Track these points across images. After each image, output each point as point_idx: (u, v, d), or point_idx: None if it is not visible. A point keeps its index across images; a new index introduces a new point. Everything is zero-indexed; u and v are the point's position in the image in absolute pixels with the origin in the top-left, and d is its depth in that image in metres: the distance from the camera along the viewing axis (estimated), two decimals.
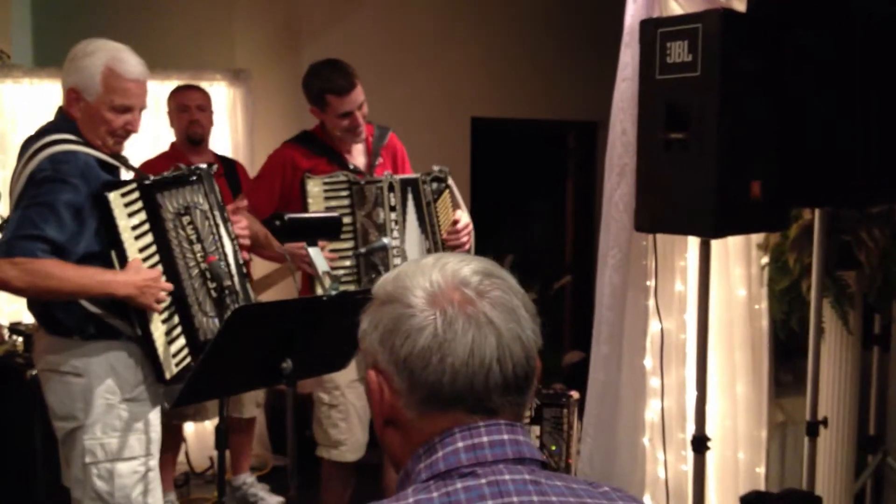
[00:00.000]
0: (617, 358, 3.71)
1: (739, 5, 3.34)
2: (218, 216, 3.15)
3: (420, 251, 3.62)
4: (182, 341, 2.99)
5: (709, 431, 3.20)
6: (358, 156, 3.80)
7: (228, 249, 3.16)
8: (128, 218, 2.87)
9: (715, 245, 3.49)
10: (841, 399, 3.90)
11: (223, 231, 3.16)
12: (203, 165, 3.16)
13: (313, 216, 3.14)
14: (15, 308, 4.79)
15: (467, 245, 3.75)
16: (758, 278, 3.84)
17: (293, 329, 2.71)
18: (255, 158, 5.04)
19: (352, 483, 3.85)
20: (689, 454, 3.28)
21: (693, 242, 3.56)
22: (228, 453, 4.69)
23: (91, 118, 2.93)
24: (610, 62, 3.65)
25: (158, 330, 2.92)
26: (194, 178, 3.07)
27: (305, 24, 5.79)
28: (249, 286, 3.26)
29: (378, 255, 3.52)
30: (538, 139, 7.40)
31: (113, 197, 2.84)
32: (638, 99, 3.11)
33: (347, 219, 3.50)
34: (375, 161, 3.79)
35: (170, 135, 4.74)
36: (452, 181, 3.75)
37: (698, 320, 3.18)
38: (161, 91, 5.15)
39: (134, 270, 2.86)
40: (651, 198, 2.99)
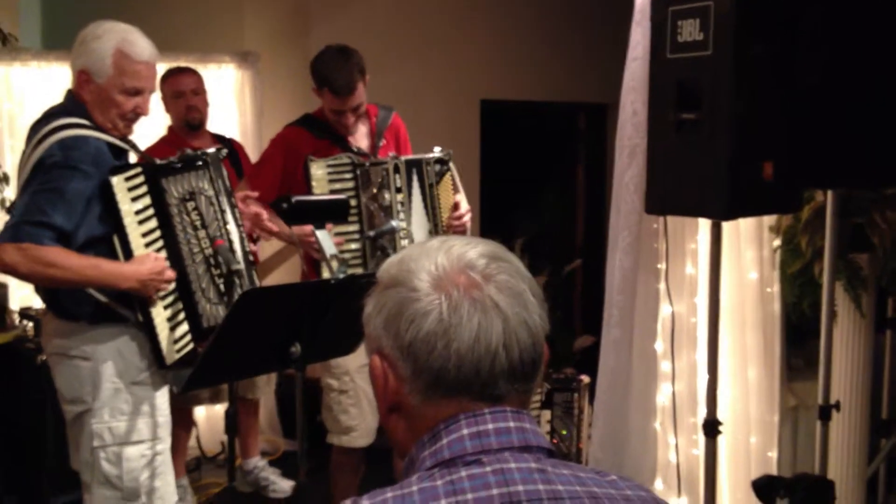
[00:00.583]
0: (628, 342, 3.69)
1: None
2: (224, 202, 3.13)
3: (424, 233, 3.60)
4: (185, 327, 2.98)
5: (720, 416, 3.18)
6: (361, 138, 3.77)
7: (234, 236, 3.15)
8: (131, 202, 2.86)
9: (726, 227, 3.46)
10: (853, 383, 3.87)
11: (229, 217, 3.14)
12: (211, 150, 3.14)
13: (320, 198, 3.12)
14: (25, 293, 4.79)
15: (466, 231, 3.73)
16: (769, 261, 3.81)
17: (301, 313, 2.69)
18: (264, 141, 5.01)
19: (362, 468, 3.84)
20: (701, 438, 3.26)
21: (704, 224, 3.52)
22: (238, 436, 4.70)
23: (101, 101, 2.92)
24: (620, 44, 3.61)
25: (160, 316, 2.92)
26: (200, 164, 3.06)
27: (315, 6, 5.76)
28: (255, 273, 3.25)
29: (386, 238, 3.50)
30: (548, 121, 7.36)
31: (116, 181, 2.83)
32: (649, 78, 3.07)
33: (352, 201, 3.47)
34: (379, 142, 3.76)
35: (165, 118, 4.72)
36: (454, 164, 3.72)
37: (709, 303, 3.15)
38: None
39: (139, 262, 2.85)
40: (662, 179, 2.95)
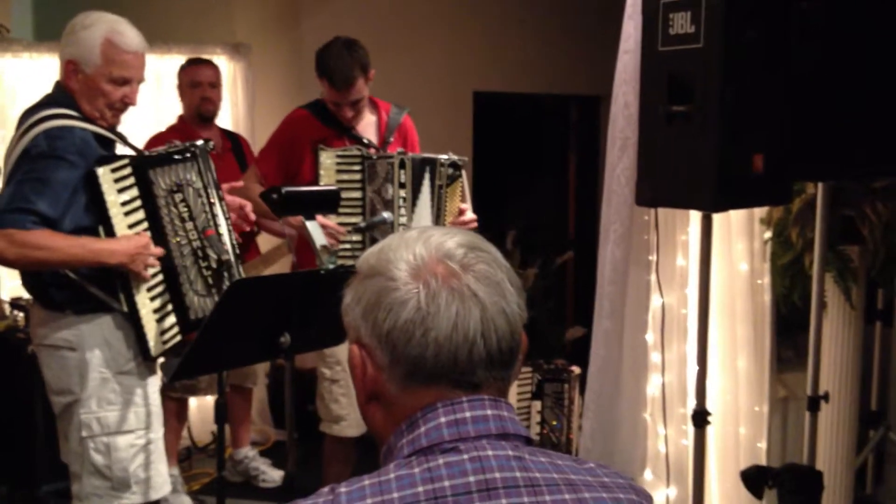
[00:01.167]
0: (618, 333, 3.70)
1: None
2: (213, 194, 3.13)
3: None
4: (172, 319, 2.98)
5: (710, 406, 3.19)
6: (368, 130, 3.80)
7: (223, 228, 3.15)
8: (117, 193, 2.87)
9: (717, 219, 3.46)
10: (843, 374, 3.88)
11: (218, 209, 3.14)
12: (199, 142, 3.13)
13: (310, 189, 3.13)
14: (16, 283, 4.78)
15: None
16: (760, 253, 3.81)
17: (291, 303, 2.70)
18: (256, 132, 5.03)
19: (353, 458, 3.86)
20: (690, 429, 3.27)
21: (695, 216, 3.53)
22: (228, 428, 4.71)
23: (89, 90, 2.93)
24: (613, 35, 3.61)
25: (147, 307, 2.92)
26: (188, 155, 3.06)
27: None
28: (241, 266, 3.25)
29: (379, 230, 3.50)
30: (541, 113, 7.36)
31: (102, 172, 2.83)
32: (640, 71, 3.07)
33: (357, 193, 3.53)
34: (389, 138, 3.78)
35: (170, 108, 4.72)
36: (465, 175, 3.74)
37: (699, 295, 3.16)
38: (161, 65, 5.13)
39: (125, 239, 2.86)
40: (652, 171, 2.95)
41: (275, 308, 2.70)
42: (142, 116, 5.01)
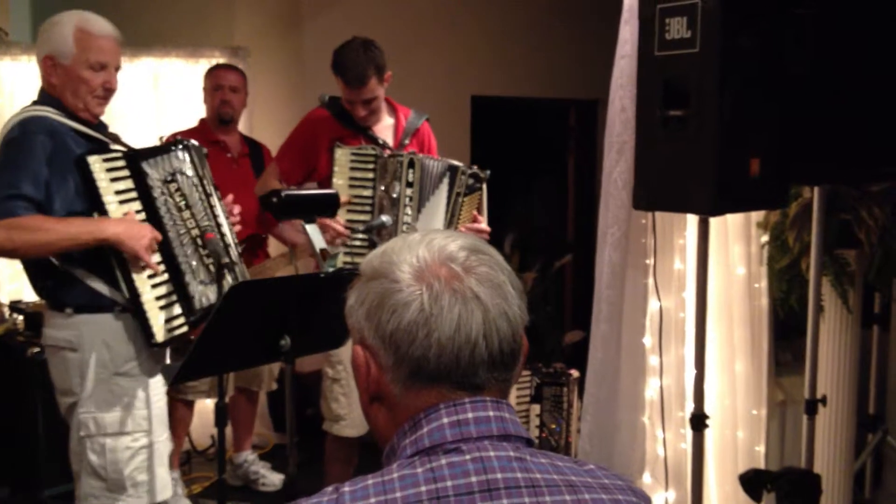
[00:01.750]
0: (616, 336, 3.71)
1: None
2: (213, 192, 3.16)
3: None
4: (178, 309, 3.00)
5: (708, 410, 3.20)
6: (385, 132, 3.85)
7: (225, 228, 3.16)
8: (111, 182, 2.90)
9: (714, 223, 3.48)
10: (840, 378, 3.90)
11: (219, 210, 3.16)
12: (194, 142, 3.17)
13: (310, 193, 3.15)
14: (16, 286, 4.81)
15: None
16: (757, 257, 3.83)
17: (291, 306, 2.71)
18: (255, 135, 5.03)
19: (355, 459, 3.87)
20: (688, 432, 3.28)
21: (692, 220, 3.55)
22: (231, 430, 4.72)
23: (71, 81, 2.98)
24: (610, 39, 3.63)
25: (148, 293, 2.93)
26: (181, 147, 3.10)
27: (305, 1, 5.77)
28: (244, 268, 3.27)
29: (376, 233, 3.51)
30: (539, 117, 7.38)
31: (93, 160, 2.88)
32: (637, 76, 3.08)
33: (368, 192, 3.58)
34: (405, 141, 3.82)
35: (168, 110, 4.75)
36: (486, 189, 3.77)
37: (697, 298, 3.17)
38: (160, 68, 5.15)
39: (123, 220, 2.89)
40: (649, 175, 2.97)
41: (275, 311, 2.71)
42: (141, 118, 5.04)
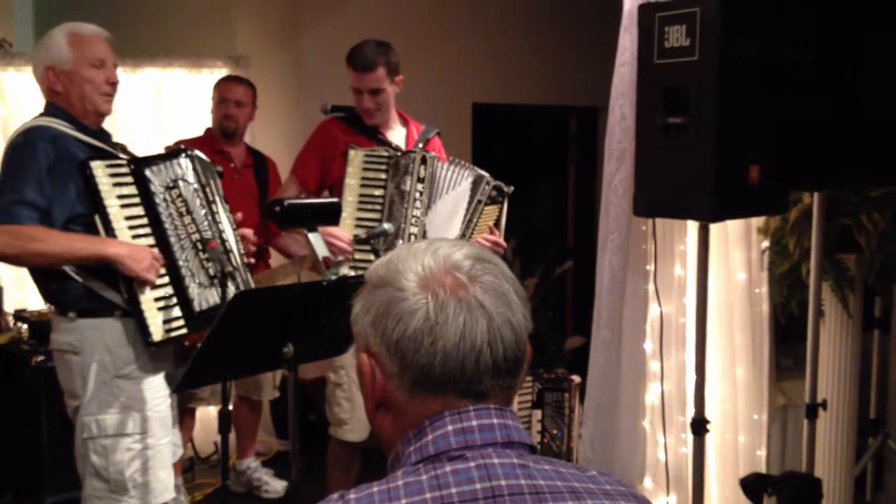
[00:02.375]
0: (617, 342, 3.73)
1: None
2: (217, 201, 3.19)
3: (446, 233, 3.66)
4: (177, 311, 3.03)
5: (709, 414, 3.22)
6: (397, 139, 3.89)
7: (228, 235, 3.19)
8: (113, 187, 2.94)
9: (715, 229, 3.50)
10: (841, 382, 3.91)
11: (223, 218, 3.19)
12: (198, 152, 3.22)
13: (312, 202, 3.16)
14: (21, 295, 4.83)
15: None
16: (758, 262, 3.85)
17: (294, 313, 2.73)
18: (256, 145, 5.05)
19: (357, 464, 3.89)
20: (689, 437, 3.30)
21: (692, 226, 3.56)
22: (234, 437, 4.74)
23: (75, 84, 3.05)
24: (611, 47, 3.64)
25: (147, 295, 2.97)
26: (184, 156, 3.15)
27: (305, 12, 5.80)
28: (250, 275, 3.30)
29: (379, 241, 3.53)
30: (539, 124, 7.40)
31: (96, 165, 2.93)
32: (637, 83, 3.11)
33: (380, 191, 3.63)
34: (417, 147, 3.87)
35: (171, 120, 4.78)
36: (507, 205, 3.82)
37: (697, 304, 3.19)
38: (162, 78, 5.17)
39: (126, 242, 2.93)
40: (649, 182, 2.99)
41: (278, 319, 2.73)
42: (143, 128, 5.07)
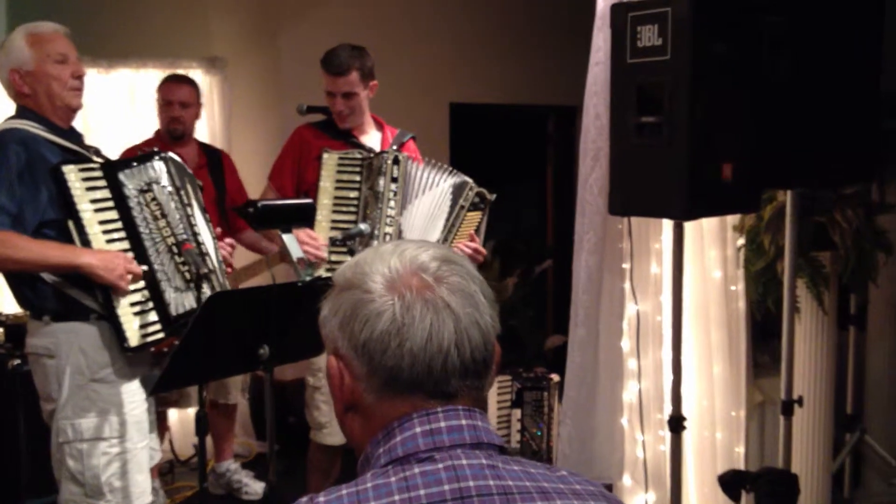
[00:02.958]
0: (594, 340, 3.73)
1: None
2: (194, 204, 3.18)
3: (427, 235, 3.67)
4: (153, 316, 3.02)
5: (686, 412, 3.23)
6: (372, 143, 3.89)
7: (205, 237, 3.18)
8: (86, 191, 2.93)
9: (690, 227, 3.52)
10: (817, 378, 3.94)
11: (199, 220, 3.18)
12: (172, 155, 3.22)
13: (286, 202, 3.16)
14: None
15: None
16: (734, 260, 3.87)
17: (269, 315, 2.73)
18: (233, 146, 5.05)
19: (337, 467, 3.89)
20: (667, 434, 3.31)
21: (668, 225, 3.57)
22: (211, 440, 4.72)
23: (41, 83, 3.04)
24: (587, 46, 3.65)
25: (123, 300, 2.96)
26: (157, 158, 3.15)
27: (281, 12, 5.78)
28: (225, 278, 3.29)
29: (355, 242, 3.52)
30: (517, 124, 7.40)
31: (68, 169, 2.92)
32: (610, 83, 3.11)
33: (354, 193, 3.64)
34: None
35: (144, 122, 4.75)
36: (487, 213, 3.83)
37: (672, 302, 3.20)
38: (136, 79, 5.14)
39: (103, 252, 2.92)
40: (624, 181, 3.00)
41: (253, 320, 2.72)
42: (117, 130, 5.04)
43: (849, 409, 4.69)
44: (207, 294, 2.96)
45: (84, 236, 2.92)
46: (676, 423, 3.19)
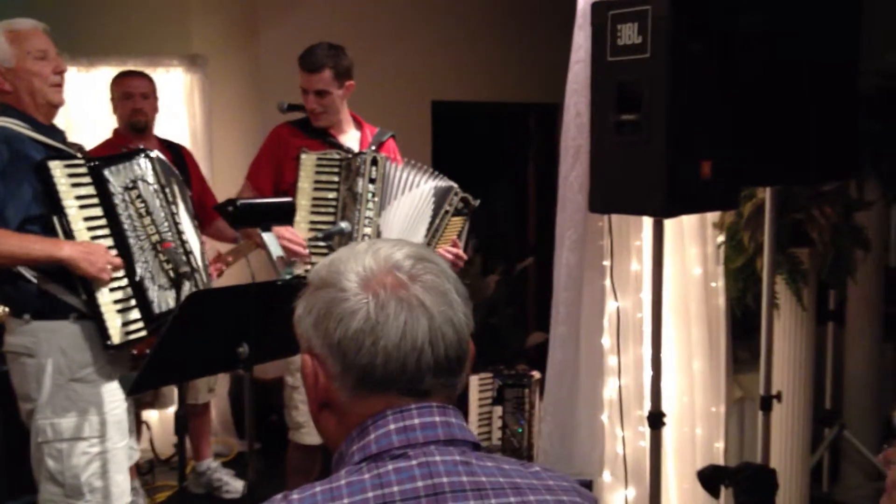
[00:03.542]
0: (575, 337, 3.74)
1: None
2: (177, 200, 3.17)
3: (409, 237, 3.64)
4: (136, 314, 3.01)
5: (666, 408, 3.24)
6: (351, 142, 3.89)
7: (188, 236, 3.18)
8: (72, 188, 2.92)
9: (670, 224, 3.53)
10: (796, 374, 3.97)
11: (183, 219, 3.17)
12: (158, 154, 3.21)
13: (265, 201, 3.16)
14: None
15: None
16: (713, 257, 3.88)
17: (248, 314, 2.72)
18: (214, 144, 5.03)
19: (317, 467, 3.89)
20: (647, 430, 3.32)
21: (648, 222, 3.59)
22: (189, 440, 4.70)
23: (22, 79, 3.03)
24: (569, 44, 3.66)
25: (106, 296, 2.95)
26: (143, 156, 3.14)
27: (263, 10, 5.77)
28: (208, 276, 3.29)
29: (336, 240, 3.52)
30: (499, 122, 7.41)
31: (54, 165, 2.90)
32: (591, 81, 3.12)
33: (333, 194, 3.63)
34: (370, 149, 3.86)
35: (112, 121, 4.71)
36: (471, 219, 3.85)
37: (652, 299, 3.21)
38: None
39: (83, 244, 2.91)
40: (604, 179, 3.01)
41: (232, 319, 2.72)
42: (97, 127, 5.00)
43: (827, 405, 4.73)
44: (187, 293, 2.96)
45: (69, 232, 2.91)
46: (656, 419, 3.20)
